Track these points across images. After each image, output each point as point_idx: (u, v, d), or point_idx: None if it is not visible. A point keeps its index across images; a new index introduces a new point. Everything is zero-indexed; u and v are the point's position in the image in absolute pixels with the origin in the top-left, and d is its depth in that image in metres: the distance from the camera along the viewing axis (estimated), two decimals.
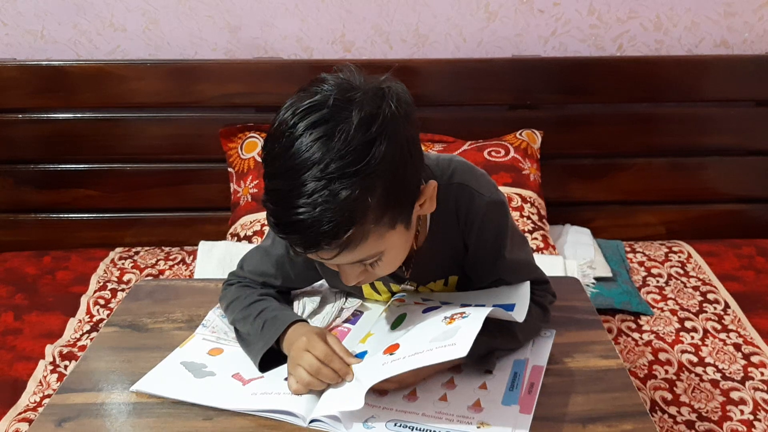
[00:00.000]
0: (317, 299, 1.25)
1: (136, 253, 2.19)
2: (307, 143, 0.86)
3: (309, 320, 1.21)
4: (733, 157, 2.29)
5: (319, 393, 1.03)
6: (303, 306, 1.24)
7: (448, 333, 0.99)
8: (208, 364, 1.14)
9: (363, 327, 1.20)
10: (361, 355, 1.10)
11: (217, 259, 1.85)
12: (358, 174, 0.85)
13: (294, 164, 0.86)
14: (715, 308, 1.89)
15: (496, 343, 1.09)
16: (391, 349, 1.03)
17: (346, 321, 1.22)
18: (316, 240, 0.88)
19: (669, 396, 1.57)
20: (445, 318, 1.04)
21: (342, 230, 0.87)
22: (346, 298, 1.27)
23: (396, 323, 1.14)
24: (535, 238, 1.94)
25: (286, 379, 1.07)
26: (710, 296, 1.94)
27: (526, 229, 1.94)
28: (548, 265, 1.70)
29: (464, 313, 1.03)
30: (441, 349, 0.95)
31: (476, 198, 1.09)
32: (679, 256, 2.13)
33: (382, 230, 0.92)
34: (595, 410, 1.04)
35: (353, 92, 0.89)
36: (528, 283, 1.13)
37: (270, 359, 1.10)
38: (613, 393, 1.07)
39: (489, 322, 1.06)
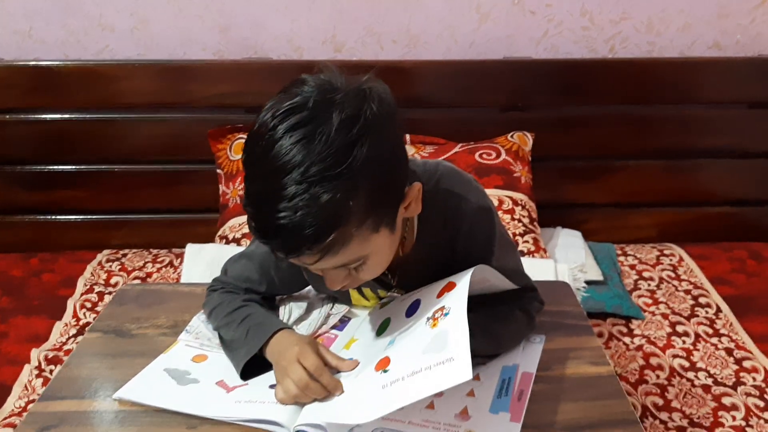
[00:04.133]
0: (304, 305, 1.24)
1: (124, 255, 2.17)
2: (287, 146, 0.84)
3: (295, 326, 1.20)
4: (726, 159, 2.28)
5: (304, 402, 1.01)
6: (289, 312, 1.23)
7: (438, 340, 0.97)
8: (192, 371, 1.13)
9: (350, 333, 1.18)
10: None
11: (204, 262, 1.83)
12: (339, 177, 0.83)
13: (274, 167, 0.84)
14: (706, 312, 1.88)
15: (476, 345, 1.07)
16: (383, 365, 1.00)
17: (333, 327, 1.20)
18: (298, 245, 0.86)
19: (660, 401, 1.56)
20: (428, 320, 1.02)
21: (323, 234, 0.85)
22: (333, 304, 1.25)
23: (381, 329, 1.12)
24: (526, 241, 1.92)
25: (271, 386, 1.05)
26: (702, 300, 1.93)
27: (517, 232, 1.93)
28: (539, 268, 1.70)
29: (444, 308, 1.01)
30: (440, 368, 0.92)
31: (463, 204, 1.07)
32: (671, 260, 2.13)
33: (366, 234, 0.90)
34: (585, 418, 1.03)
35: (334, 93, 0.87)
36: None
37: (253, 366, 1.09)
38: (603, 400, 1.06)
39: (471, 322, 1.05)
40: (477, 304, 1.11)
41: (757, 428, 1.48)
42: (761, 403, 1.56)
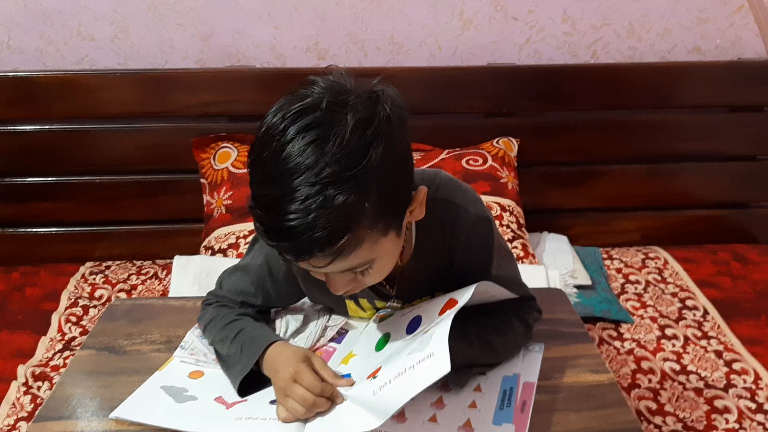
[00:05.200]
0: (300, 317, 1.22)
1: (108, 267, 2.14)
2: (300, 147, 0.82)
3: (292, 339, 1.19)
4: (707, 162, 2.31)
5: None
6: (286, 324, 1.21)
7: (423, 341, 0.97)
8: (189, 387, 1.11)
9: (348, 346, 1.17)
10: (345, 378, 1.08)
11: (192, 274, 1.80)
12: (354, 179, 0.82)
13: (285, 169, 0.82)
14: (694, 315, 1.90)
15: (474, 355, 1.07)
16: (374, 373, 1.00)
17: (331, 340, 1.19)
18: (309, 247, 0.84)
19: (653, 406, 1.57)
20: (425, 333, 1.02)
21: (336, 237, 0.83)
22: (330, 316, 1.24)
23: (380, 344, 1.12)
24: (515, 247, 1.93)
25: (271, 402, 1.04)
26: (689, 303, 1.95)
27: (506, 238, 1.93)
28: (531, 275, 1.70)
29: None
30: (422, 365, 0.92)
31: (462, 214, 1.07)
32: (656, 263, 2.14)
33: (376, 236, 0.89)
34: (589, 428, 1.02)
35: (347, 95, 0.86)
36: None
37: (251, 380, 1.07)
38: (605, 410, 1.06)
39: (470, 332, 1.05)
40: (476, 314, 1.11)
41: (750, 430, 1.50)
42: (753, 405, 1.57)
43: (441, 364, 0.89)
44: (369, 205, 0.85)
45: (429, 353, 0.93)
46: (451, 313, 0.97)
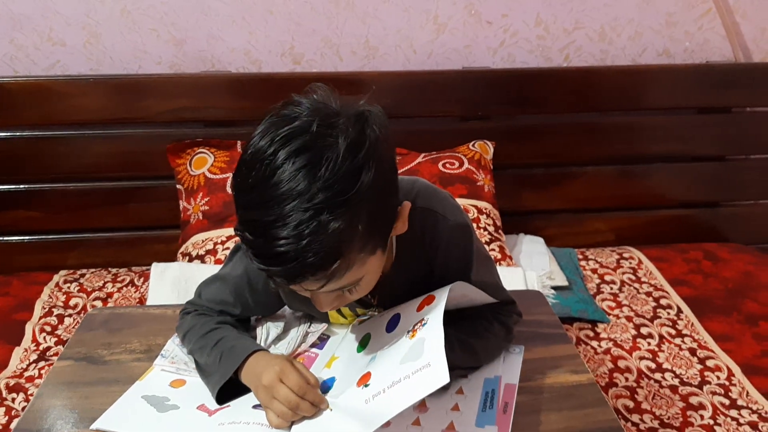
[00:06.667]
0: (281, 324, 1.22)
1: (82, 275, 2.11)
2: (291, 172, 0.81)
3: (273, 346, 1.19)
4: (677, 163, 2.34)
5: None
6: (267, 331, 1.21)
7: (415, 348, 0.98)
8: (171, 396, 1.10)
9: (330, 352, 1.17)
10: (329, 381, 1.08)
11: (170, 282, 1.79)
12: (347, 203, 0.82)
13: (276, 194, 0.82)
14: (668, 313, 1.92)
15: (456, 359, 1.08)
16: (364, 380, 1.00)
17: (313, 346, 1.19)
18: (301, 272, 0.84)
19: (631, 404, 1.59)
20: (408, 332, 1.03)
21: (328, 262, 0.84)
22: (311, 323, 1.24)
23: (361, 345, 1.12)
24: (492, 249, 1.94)
25: (254, 407, 1.04)
26: (663, 301, 1.97)
27: (484, 241, 1.94)
28: (509, 277, 1.72)
29: (423, 320, 1.01)
30: (419, 375, 0.92)
31: (440, 222, 1.07)
32: (630, 262, 2.17)
33: (366, 257, 0.90)
34: (570, 428, 1.04)
35: (335, 118, 0.85)
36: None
37: (231, 389, 1.07)
38: (586, 409, 1.08)
39: (451, 336, 1.05)
40: (456, 318, 1.12)
41: (724, 426, 1.52)
42: (726, 401, 1.60)
43: (439, 375, 0.90)
44: (361, 229, 0.85)
45: (425, 363, 0.93)
46: (439, 315, 0.98)
